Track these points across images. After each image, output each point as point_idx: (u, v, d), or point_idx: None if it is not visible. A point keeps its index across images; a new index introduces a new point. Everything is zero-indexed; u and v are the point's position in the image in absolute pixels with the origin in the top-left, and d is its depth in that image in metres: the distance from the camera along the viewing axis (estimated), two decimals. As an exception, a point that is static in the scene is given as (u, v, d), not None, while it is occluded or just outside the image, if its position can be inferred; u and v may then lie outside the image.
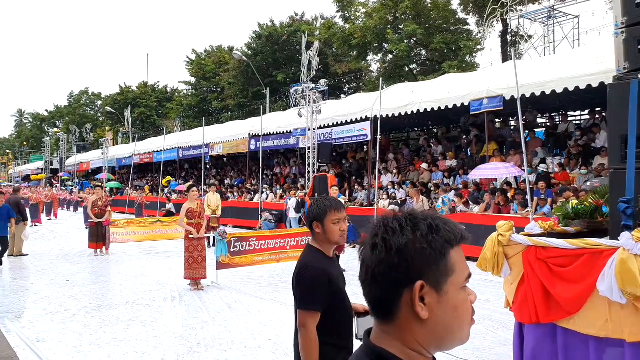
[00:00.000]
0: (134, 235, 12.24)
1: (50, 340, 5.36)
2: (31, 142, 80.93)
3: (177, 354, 4.98)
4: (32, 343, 5.25)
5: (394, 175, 16.08)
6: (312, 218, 2.44)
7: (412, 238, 0.95)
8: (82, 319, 6.21)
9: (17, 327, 5.84)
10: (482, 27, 24.10)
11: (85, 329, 5.76)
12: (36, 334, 5.59)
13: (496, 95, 11.79)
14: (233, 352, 5.07)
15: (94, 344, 5.26)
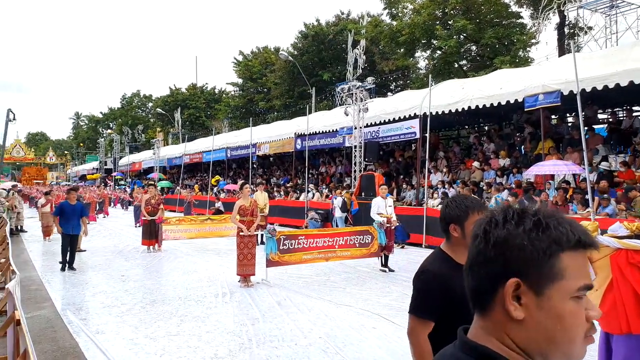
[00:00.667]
0: (185, 232, 12.50)
1: (108, 332, 5.50)
2: (87, 143, 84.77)
3: (229, 349, 4.99)
4: (92, 334, 5.40)
5: (444, 174, 15.71)
6: (450, 220, 2.17)
7: (513, 233, 0.89)
8: (137, 313, 6.35)
9: (77, 319, 6.03)
10: (536, 20, 23.12)
11: (140, 323, 5.88)
12: (95, 326, 5.75)
13: (553, 91, 11.26)
14: (284, 349, 5.03)
15: (149, 337, 5.35)
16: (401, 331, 5.62)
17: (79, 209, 9.85)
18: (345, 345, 5.17)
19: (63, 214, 9.53)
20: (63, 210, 9.57)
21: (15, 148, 64.73)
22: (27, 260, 11.00)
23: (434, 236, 12.93)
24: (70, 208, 9.65)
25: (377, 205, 9.78)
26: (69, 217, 9.51)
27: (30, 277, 8.97)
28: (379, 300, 7.13)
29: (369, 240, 9.47)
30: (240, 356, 4.82)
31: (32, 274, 9.29)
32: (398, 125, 16.09)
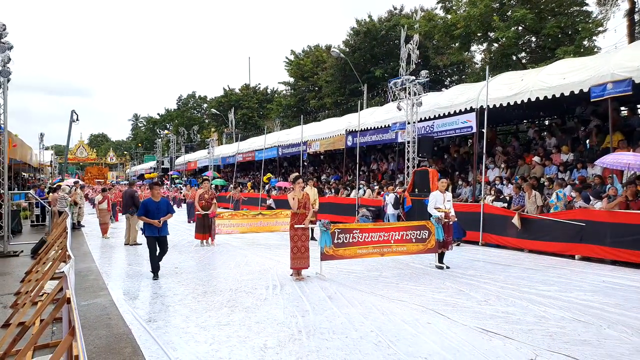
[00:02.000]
0: (238, 227, 12.62)
1: (160, 321, 5.56)
2: (145, 143, 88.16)
3: (278, 339, 4.90)
4: (144, 322, 5.48)
5: (501, 169, 15.07)
6: None
7: None
8: (188, 303, 6.40)
9: (131, 307, 6.16)
10: (604, 7, 21.78)
11: (191, 312, 5.92)
12: (148, 314, 5.84)
13: (623, 79, 10.48)
14: (334, 341, 4.89)
15: (200, 326, 5.36)
16: (457, 327, 5.37)
17: (165, 205, 8.50)
18: (399, 339, 4.97)
19: (147, 213, 8.24)
20: (147, 209, 8.27)
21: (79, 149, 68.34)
22: (86, 252, 11.45)
23: (491, 234, 12.43)
24: (154, 206, 8.32)
25: (435, 200, 9.44)
26: (154, 217, 8.23)
27: (89, 267, 9.32)
28: (433, 296, 6.87)
29: (426, 236, 9.17)
30: (290, 347, 4.72)
31: (90, 265, 9.65)
32: (453, 120, 15.55)
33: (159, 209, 8.33)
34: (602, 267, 9.38)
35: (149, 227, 8.18)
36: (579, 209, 10.64)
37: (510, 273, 8.80)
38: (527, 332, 5.24)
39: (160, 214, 8.29)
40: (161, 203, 8.44)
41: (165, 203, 8.56)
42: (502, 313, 5.99)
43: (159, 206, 8.36)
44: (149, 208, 8.27)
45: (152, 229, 8.17)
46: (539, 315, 5.90)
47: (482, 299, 6.74)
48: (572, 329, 5.33)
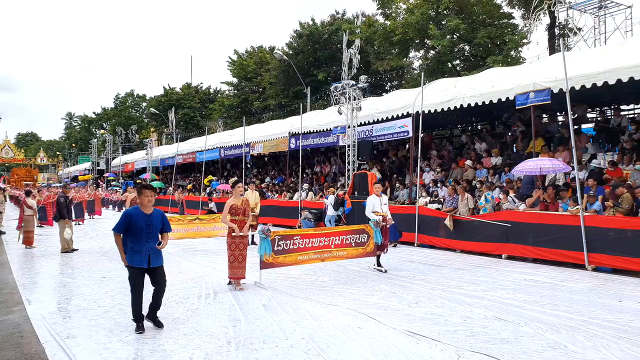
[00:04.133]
0: (173, 232, 12.26)
1: (80, 337, 5.33)
2: (79, 144, 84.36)
3: (205, 352, 4.83)
4: (61, 339, 5.23)
5: (436, 172, 15.60)
6: None
7: None
8: (114, 315, 6.18)
9: (48, 323, 5.85)
10: (528, 20, 23.07)
11: (115, 326, 5.72)
12: (67, 330, 5.57)
13: (543, 89, 11.15)
14: (264, 351, 4.88)
15: (123, 341, 5.19)
16: (387, 331, 5.51)
17: (159, 220, 5.74)
18: (328, 346, 5.03)
19: (131, 231, 5.52)
20: (131, 225, 5.51)
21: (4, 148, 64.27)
22: (3, 262, 10.78)
23: (426, 235, 12.83)
24: (143, 220, 5.56)
25: (372, 204, 9.63)
26: (143, 236, 5.51)
27: (4, 279, 8.75)
28: (366, 300, 7.00)
29: (365, 240, 9.31)
30: (217, 359, 4.66)
31: (7, 276, 9.07)
32: (391, 124, 15.96)
33: (150, 224, 5.58)
34: (524, 265, 9.93)
35: (133, 254, 5.52)
36: (505, 210, 11.19)
37: (442, 273, 9.12)
38: (453, 333, 5.44)
39: (152, 233, 5.60)
40: (154, 216, 5.67)
41: (160, 216, 5.77)
42: (430, 315, 6.19)
43: (150, 221, 5.58)
44: (135, 223, 5.50)
45: (139, 256, 5.50)
46: (464, 315, 6.15)
47: (413, 300, 6.95)
48: (493, 328, 5.60)
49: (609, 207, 9.39)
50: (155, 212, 5.77)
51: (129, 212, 5.61)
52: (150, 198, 5.66)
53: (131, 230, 5.53)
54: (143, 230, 5.54)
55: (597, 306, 6.58)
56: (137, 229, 5.52)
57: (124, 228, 5.54)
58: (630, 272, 8.78)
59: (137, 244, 5.53)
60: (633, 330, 5.48)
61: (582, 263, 9.35)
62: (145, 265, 5.55)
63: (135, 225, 5.51)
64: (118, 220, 5.57)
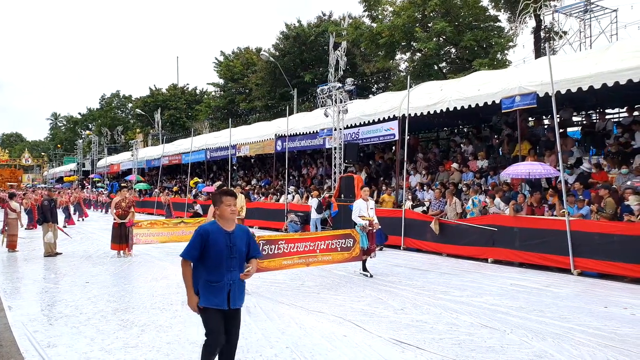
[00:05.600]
0: (157, 236, 12.15)
1: (60, 346, 5.19)
2: (65, 144, 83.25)
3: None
4: (41, 348, 5.09)
5: (422, 175, 15.62)
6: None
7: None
8: (96, 323, 6.05)
9: (29, 331, 5.70)
10: (514, 24, 23.30)
11: (97, 334, 5.59)
12: (48, 338, 5.44)
13: (529, 92, 11.22)
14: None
15: (105, 350, 5.07)
16: (372, 339, 5.45)
17: (245, 240, 4.05)
18: (313, 355, 4.96)
19: (209, 254, 3.85)
20: (209, 247, 3.85)
21: (-13, 149, 63.19)
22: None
23: (412, 238, 12.83)
24: (223, 240, 3.89)
25: (358, 208, 9.57)
26: (223, 263, 3.86)
27: (-15, 285, 8.55)
28: (352, 306, 6.94)
29: (351, 244, 9.27)
30: (200, 369, 4.56)
31: (-12, 282, 8.85)
32: (377, 127, 15.95)
33: (233, 246, 3.90)
34: (510, 270, 9.96)
35: (208, 289, 3.84)
36: (492, 214, 11.22)
37: (428, 278, 9.11)
38: (438, 341, 5.41)
39: (236, 258, 3.91)
40: (237, 235, 3.96)
41: (245, 235, 4.06)
42: (416, 322, 6.15)
43: (233, 241, 3.91)
44: (213, 245, 3.83)
45: (217, 293, 3.85)
46: (450, 322, 6.12)
47: (399, 307, 6.91)
48: (479, 336, 5.57)
49: (593, 212, 9.46)
50: (239, 229, 4.01)
51: (204, 229, 3.87)
52: (234, 208, 3.94)
53: (207, 254, 3.81)
54: (224, 255, 3.82)
55: (583, 312, 6.60)
56: (215, 253, 3.81)
57: (198, 252, 3.81)
58: (616, 277, 8.85)
59: (214, 274, 3.81)
60: (619, 337, 5.49)
61: (568, 267, 9.41)
62: (225, 305, 3.85)
63: (214, 248, 3.81)
64: (190, 240, 3.89)
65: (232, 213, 3.96)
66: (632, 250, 8.52)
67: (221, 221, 3.96)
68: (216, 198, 4.02)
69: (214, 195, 4.12)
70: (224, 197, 3.97)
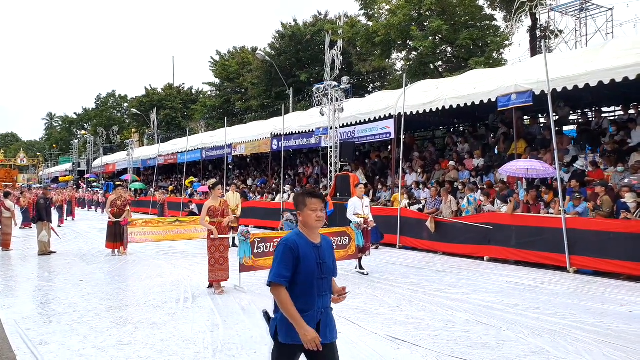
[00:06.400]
0: (152, 235, 12.08)
1: (53, 343, 5.14)
2: (60, 144, 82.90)
3: (182, 359, 4.69)
4: (34, 346, 5.04)
5: (418, 174, 15.60)
6: None
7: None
8: (89, 320, 5.99)
9: (22, 329, 5.65)
10: (509, 22, 23.31)
11: (91, 331, 5.53)
12: (40, 336, 5.38)
13: (525, 91, 11.20)
14: (242, 357, 4.76)
15: (98, 347, 5.02)
16: (368, 336, 5.42)
17: (331, 253, 3.19)
18: (308, 352, 4.91)
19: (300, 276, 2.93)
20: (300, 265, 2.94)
21: (-17, 149, 62.85)
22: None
23: (408, 237, 12.81)
24: (313, 256, 3.00)
25: (353, 206, 9.55)
26: (314, 286, 2.96)
27: (-22, 284, 8.47)
28: (347, 303, 6.84)
29: (347, 242, 9.24)
30: (193, 366, 4.53)
31: (-19, 280, 8.78)
32: (373, 126, 15.93)
33: (323, 263, 3.06)
34: (506, 268, 9.94)
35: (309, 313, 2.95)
36: (487, 212, 11.21)
37: (424, 276, 9.08)
38: (434, 337, 5.38)
39: (326, 278, 3.07)
40: (325, 248, 3.14)
41: (331, 249, 3.24)
42: (412, 319, 6.13)
43: (322, 257, 3.08)
44: (305, 263, 2.97)
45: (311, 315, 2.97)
46: (446, 319, 6.10)
47: (394, 304, 6.88)
48: (475, 333, 5.55)
49: (589, 210, 9.46)
50: (324, 241, 3.18)
51: (293, 242, 2.99)
52: (320, 214, 3.08)
53: (297, 275, 2.95)
54: (315, 276, 2.98)
55: (579, 309, 6.58)
56: (306, 273, 2.96)
57: (291, 272, 2.93)
58: (612, 275, 8.85)
59: (304, 301, 2.95)
60: (615, 334, 5.48)
61: (564, 265, 9.39)
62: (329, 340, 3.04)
63: (305, 267, 2.96)
64: (275, 260, 2.99)
65: (318, 220, 3.06)
66: (629, 247, 8.52)
67: (306, 230, 3.08)
68: (298, 200, 3.14)
69: (295, 197, 3.23)
70: (309, 200, 3.09)
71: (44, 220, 11.94)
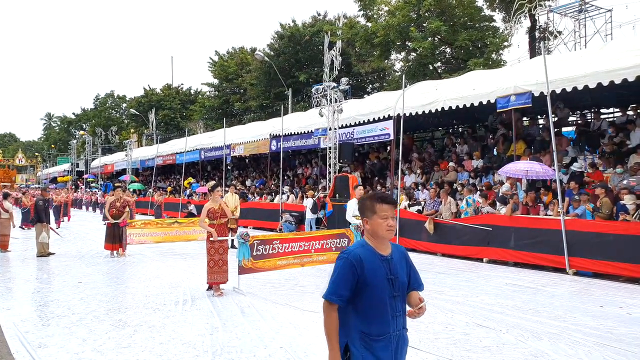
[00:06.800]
0: (151, 236, 12.06)
1: (52, 346, 5.11)
2: (59, 144, 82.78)
3: (181, 363, 4.67)
4: (32, 349, 5.01)
5: (417, 175, 15.59)
6: None
7: None
8: (88, 323, 5.97)
9: (21, 331, 5.62)
10: (509, 23, 23.35)
11: (90, 334, 5.51)
12: (39, 339, 5.35)
13: (524, 92, 11.21)
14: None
15: (97, 350, 4.99)
16: (367, 339, 5.39)
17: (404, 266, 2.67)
18: (307, 355, 4.91)
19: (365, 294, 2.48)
20: (363, 282, 2.46)
21: (-19, 150, 62.70)
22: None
23: (407, 238, 12.79)
24: (383, 271, 2.51)
25: (352, 208, 9.53)
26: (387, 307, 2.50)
27: (-23, 285, 8.43)
28: (346, 306, 6.88)
29: (346, 244, 9.22)
30: (193, 370, 4.51)
31: (-20, 282, 8.74)
32: (372, 127, 15.93)
33: (395, 279, 2.56)
34: (505, 270, 9.94)
35: (366, 347, 2.50)
36: (486, 214, 11.20)
37: (423, 278, 8.84)
38: (434, 340, 5.36)
39: (400, 296, 2.61)
40: (396, 260, 2.60)
41: (405, 257, 2.71)
42: (411, 321, 6.04)
43: (393, 271, 2.57)
44: (371, 275, 2.49)
45: (379, 352, 2.51)
46: (445, 322, 6.08)
47: (393, 306, 6.85)
48: (475, 336, 5.54)
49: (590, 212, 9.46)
50: (396, 251, 2.67)
51: (356, 256, 2.51)
52: (392, 223, 2.58)
53: (364, 294, 2.50)
54: (386, 294, 2.52)
55: (579, 312, 6.58)
56: (376, 291, 2.50)
57: (349, 291, 2.49)
58: (611, 277, 8.84)
59: (376, 323, 2.52)
60: (615, 337, 5.47)
61: (563, 267, 9.39)
62: None
63: (374, 284, 2.49)
64: (333, 274, 2.55)
65: (389, 230, 2.56)
66: (628, 249, 8.52)
67: (373, 241, 2.60)
68: (365, 206, 2.64)
69: (362, 201, 2.71)
70: (379, 206, 2.58)
71: (42, 221, 11.91)
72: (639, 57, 9.59)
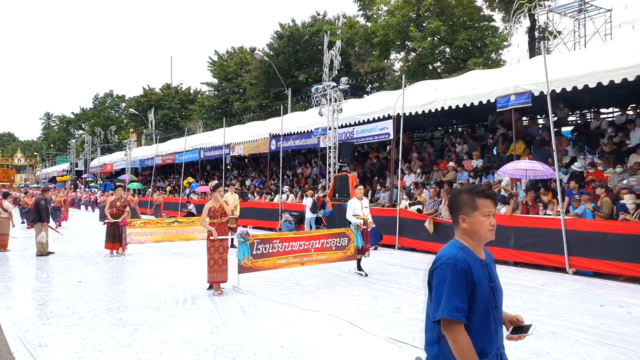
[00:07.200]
0: (151, 235, 12.05)
1: (52, 345, 5.11)
2: (58, 144, 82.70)
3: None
4: (33, 348, 5.00)
5: (417, 175, 15.59)
6: None
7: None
8: (88, 322, 5.96)
9: (21, 330, 5.62)
10: (508, 23, 23.35)
11: (90, 333, 5.50)
12: (39, 338, 5.35)
13: (524, 91, 11.20)
14: (242, 359, 4.74)
15: (97, 349, 4.99)
16: (368, 338, 5.40)
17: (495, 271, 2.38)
18: (308, 354, 4.90)
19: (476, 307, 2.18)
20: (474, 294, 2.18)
21: (-20, 149, 62.65)
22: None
23: (407, 237, 12.79)
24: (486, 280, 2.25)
25: (352, 207, 9.52)
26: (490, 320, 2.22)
27: (-24, 285, 8.42)
28: (347, 305, 6.89)
29: (346, 243, 9.22)
30: (194, 369, 4.50)
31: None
32: (372, 126, 15.93)
33: (495, 289, 2.27)
34: (506, 269, 9.92)
35: None
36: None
37: (423, 278, 9.06)
38: (434, 339, 5.35)
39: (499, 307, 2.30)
40: (491, 265, 2.37)
41: (494, 262, 2.44)
42: (412, 321, 6.10)
43: (491, 275, 2.30)
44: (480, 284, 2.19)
45: None
46: (446, 321, 6.07)
47: (394, 306, 6.86)
48: (476, 334, 5.52)
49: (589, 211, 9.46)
50: (489, 255, 2.45)
51: (463, 262, 2.21)
52: (494, 221, 2.36)
53: (473, 308, 2.19)
54: (490, 305, 2.24)
55: (580, 311, 6.58)
56: (482, 302, 2.20)
57: (467, 303, 2.17)
58: (611, 276, 8.85)
59: (486, 338, 2.22)
60: (616, 336, 5.47)
61: (563, 266, 9.39)
62: None
63: (481, 296, 2.20)
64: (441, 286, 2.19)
65: (492, 230, 2.31)
66: (628, 248, 8.52)
67: (471, 242, 2.33)
68: (463, 201, 2.37)
69: (457, 196, 2.43)
70: (481, 201, 2.32)
71: (43, 221, 11.90)
72: (638, 57, 9.59)
